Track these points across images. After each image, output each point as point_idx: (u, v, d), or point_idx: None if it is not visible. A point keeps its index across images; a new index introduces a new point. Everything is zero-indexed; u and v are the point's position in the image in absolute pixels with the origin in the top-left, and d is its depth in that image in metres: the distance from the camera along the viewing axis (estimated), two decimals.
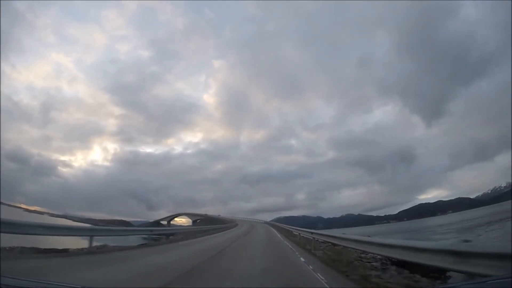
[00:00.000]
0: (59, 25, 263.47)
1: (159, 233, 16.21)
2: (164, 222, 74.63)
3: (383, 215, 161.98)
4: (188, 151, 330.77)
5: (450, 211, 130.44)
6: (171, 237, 15.04)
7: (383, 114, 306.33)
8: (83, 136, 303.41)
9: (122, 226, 55.89)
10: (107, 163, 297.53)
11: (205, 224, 39.80)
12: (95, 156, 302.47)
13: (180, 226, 47.44)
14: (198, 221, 56.11)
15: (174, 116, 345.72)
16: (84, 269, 5.50)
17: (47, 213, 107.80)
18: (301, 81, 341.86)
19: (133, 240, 13.90)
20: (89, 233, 8.83)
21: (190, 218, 64.33)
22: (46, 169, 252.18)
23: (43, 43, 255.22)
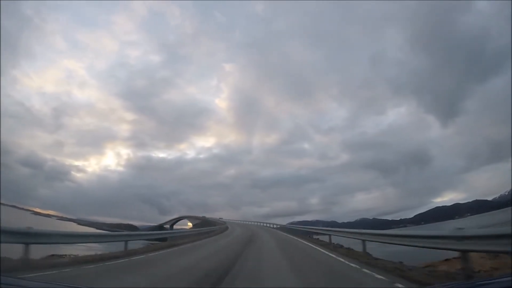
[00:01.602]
0: (69, 31, 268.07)
1: (139, 238, 13.66)
2: (167, 226, 74.43)
3: (398, 219, 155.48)
4: (201, 156, 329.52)
5: (468, 214, 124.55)
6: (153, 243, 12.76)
7: (397, 115, 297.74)
8: (96, 141, 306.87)
9: (127, 230, 54.33)
10: (120, 168, 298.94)
11: (201, 227, 37.52)
12: (108, 161, 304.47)
13: (177, 229, 44.49)
14: (195, 224, 54.23)
15: (186, 120, 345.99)
16: None
17: (55, 217, 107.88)
18: (312, 82, 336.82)
19: (106, 247, 11.39)
20: (22, 240, 6.17)
21: (191, 222, 64.11)
22: (59, 174, 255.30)
23: (54, 49, 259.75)
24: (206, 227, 33.21)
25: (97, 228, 66.85)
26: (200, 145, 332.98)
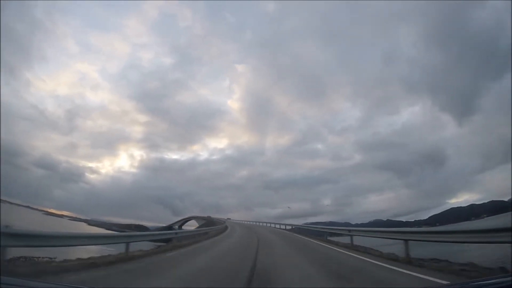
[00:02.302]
0: (81, 34, 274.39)
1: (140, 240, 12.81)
2: (176, 227, 74.92)
3: (412, 220, 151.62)
4: (214, 157, 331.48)
5: (485, 215, 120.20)
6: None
7: (411, 114, 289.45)
8: (109, 143, 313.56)
9: (137, 231, 54.05)
10: (133, 170, 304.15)
11: (205, 226, 36.76)
12: (121, 163, 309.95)
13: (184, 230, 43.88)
14: (201, 224, 54.34)
15: (199, 122, 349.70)
16: None
17: (68, 217, 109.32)
18: (325, 82, 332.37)
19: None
20: None
21: (198, 222, 64.48)
22: (74, 175, 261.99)
23: (66, 53, 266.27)
24: (210, 226, 32.47)
25: (106, 229, 67.19)
26: (213, 146, 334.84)
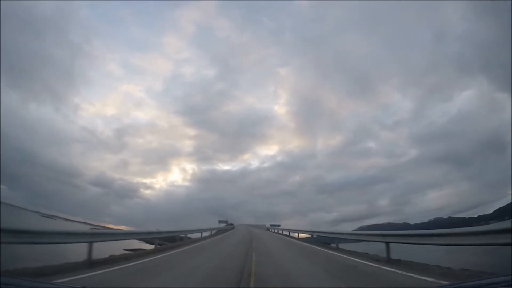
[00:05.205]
0: (123, 57, 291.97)
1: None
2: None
3: (476, 215, 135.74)
4: (265, 165, 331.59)
5: None
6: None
7: (467, 98, 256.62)
8: (161, 158, 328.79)
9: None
10: (186, 183, 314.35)
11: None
12: (174, 177, 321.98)
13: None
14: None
15: (247, 131, 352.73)
16: None
17: (116, 229, 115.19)
18: (372, 75, 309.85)
19: None
20: None
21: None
22: (129, 191, 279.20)
23: (111, 76, 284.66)
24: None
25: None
26: (264, 154, 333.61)
